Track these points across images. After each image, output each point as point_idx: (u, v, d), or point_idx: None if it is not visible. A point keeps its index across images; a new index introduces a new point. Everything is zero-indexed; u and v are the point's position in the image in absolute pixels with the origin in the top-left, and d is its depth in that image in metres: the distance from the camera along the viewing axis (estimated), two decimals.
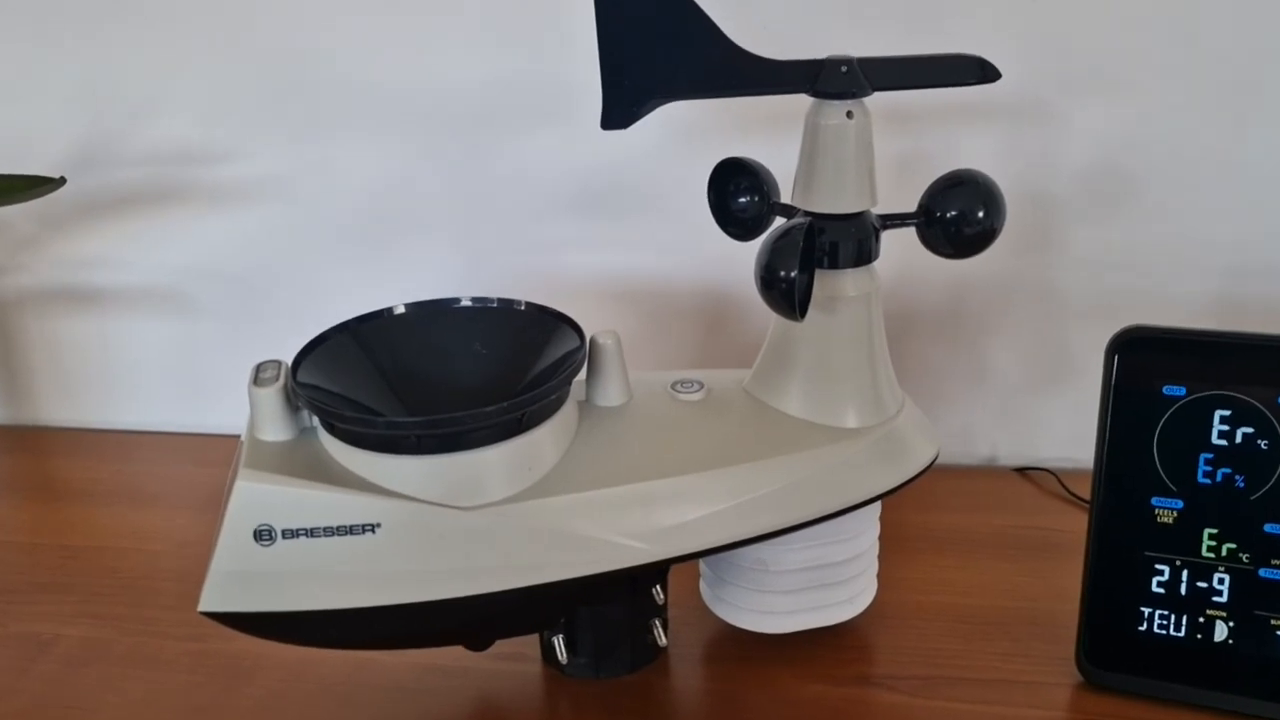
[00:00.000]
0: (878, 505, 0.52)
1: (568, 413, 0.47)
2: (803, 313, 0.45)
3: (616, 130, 0.45)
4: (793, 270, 0.44)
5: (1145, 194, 0.67)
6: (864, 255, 0.48)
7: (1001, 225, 0.48)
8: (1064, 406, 0.71)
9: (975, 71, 0.47)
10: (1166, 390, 0.49)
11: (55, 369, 0.83)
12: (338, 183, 0.74)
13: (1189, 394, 0.48)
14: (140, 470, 0.76)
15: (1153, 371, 0.49)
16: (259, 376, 0.45)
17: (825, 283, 0.48)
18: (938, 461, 0.52)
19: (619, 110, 0.44)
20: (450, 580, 0.43)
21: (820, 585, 0.52)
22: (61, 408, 0.84)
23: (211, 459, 0.63)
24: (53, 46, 0.74)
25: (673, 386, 0.51)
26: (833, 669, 0.52)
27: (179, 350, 0.80)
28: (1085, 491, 0.66)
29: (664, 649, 0.53)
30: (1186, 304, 0.66)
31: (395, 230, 0.75)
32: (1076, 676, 0.51)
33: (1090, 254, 0.68)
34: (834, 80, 0.46)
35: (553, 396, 0.45)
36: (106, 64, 0.74)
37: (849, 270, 0.48)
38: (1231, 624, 0.49)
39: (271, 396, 0.44)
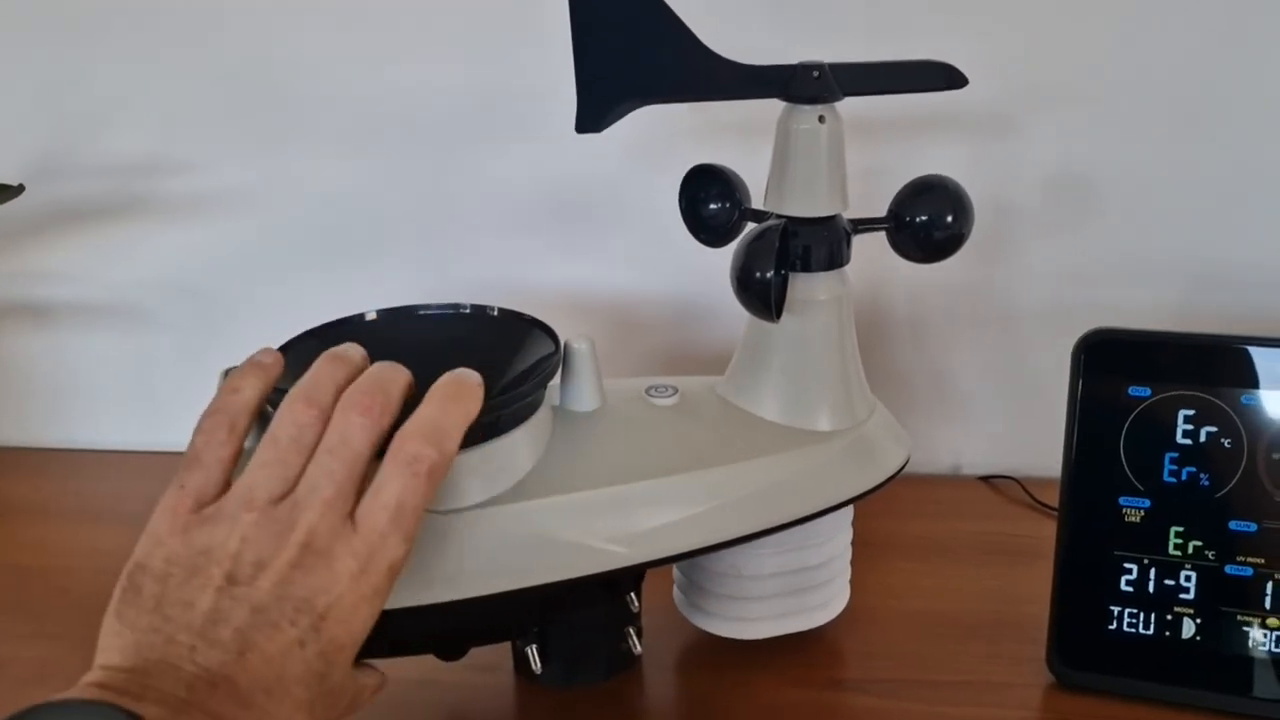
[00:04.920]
0: (850, 510, 0.52)
1: (542, 417, 0.46)
2: (778, 313, 0.45)
3: (590, 134, 0.45)
4: (768, 271, 0.44)
5: (1105, 206, 0.68)
6: (836, 259, 0.49)
7: (970, 230, 0.48)
8: (1026, 414, 0.72)
9: (943, 77, 0.48)
10: (1132, 391, 0.50)
11: (7, 386, 0.80)
12: (300, 195, 0.73)
13: (1154, 394, 0.49)
14: (95, 489, 0.74)
15: (1118, 373, 0.50)
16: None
17: (798, 286, 0.48)
18: (903, 471, 0.52)
19: (593, 113, 0.44)
20: (424, 586, 0.42)
21: (794, 591, 0.52)
22: (13, 426, 0.81)
23: (168, 477, 0.62)
24: (9, 55, 0.73)
25: (646, 391, 0.50)
26: (806, 673, 0.52)
27: (136, 367, 0.79)
28: (1049, 498, 0.67)
29: (638, 657, 0.52)
30: (1146, 314, 0.68)
31: (359, 244, 0.74)
32: (1048, 677, 0.51)
33: (1051, 264, 0.69)
34: (806, 85, 0.46)
35: (527, 400, 0.44)
36: (65, 73, 0.73)
37: (821, 274, 0.49)
38: (1199, 621, 0.49)
39: None
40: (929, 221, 0.48)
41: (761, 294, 0.44)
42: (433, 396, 0.39)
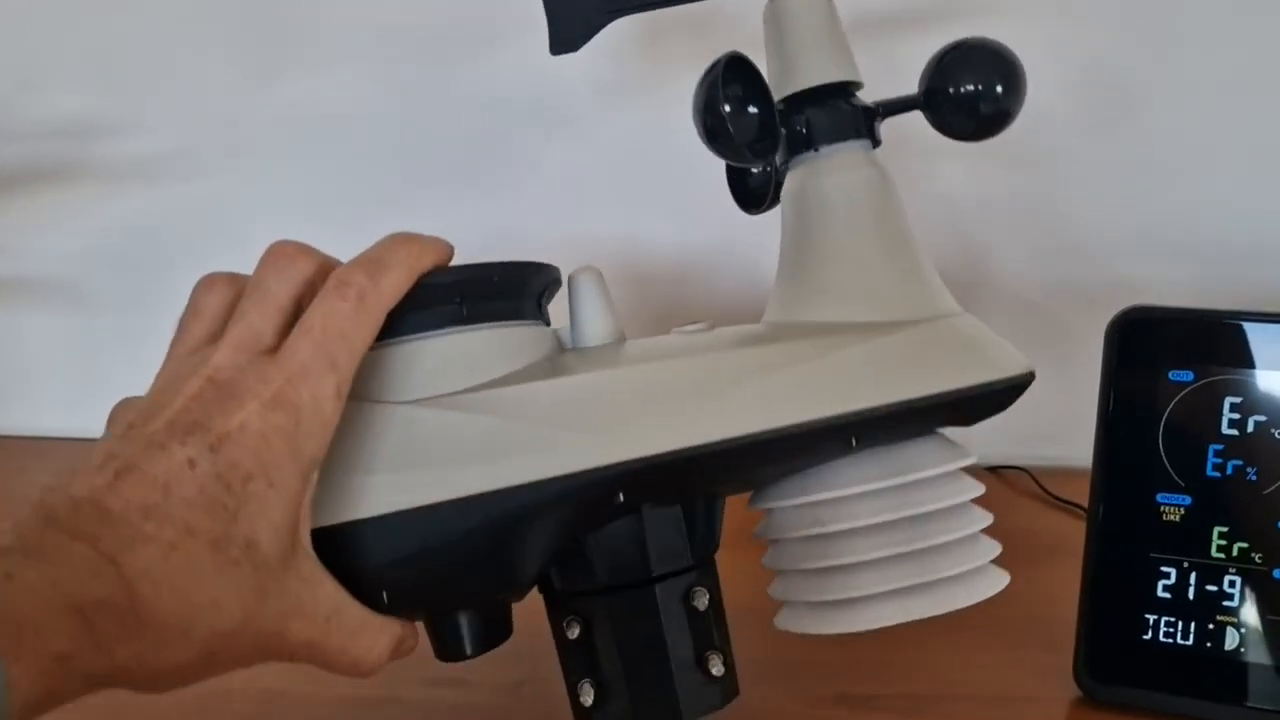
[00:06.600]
0: (966, 453, 0.41)
1: (535, 335, 0.39)
2: (755, 155, 0.40)
3: (567, 53, 0.42)
4: (720, 104, 0.38)
5: (1119, 181, 0.64)
6: (858, 130, 0.42)
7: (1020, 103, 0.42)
8: (1040, 401, 0.67)
9: None
10: (1173, 375, 0.45)
11: None
12: (251, 157, 0.68)
13: (1197, 379, 0.45)
14: (32, 480, 0.69)
15: (1158, 355, 0.45)
16: None
17: (816, 168, 0.41)
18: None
19: (567, 30, 0.41)
20: (374, 492, 0.34)
21: (909, 553, 0.39)
22: None
23: None
24: None
25: (672, 329, 0.42)
26: (812, 687, 0.47)
27: (75, 346, 0.74)
28: (1064, 491, 0.63)
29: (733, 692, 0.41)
30: (1168, 291, 0.63)
31: (319, 209, 0.69)
32: (1075, 690, 0.47)
33: (1066, 241, 0.65)
34: None
35: (503, 289, 0.38)
36: None
37: (843, 145, 0.41)
38: (1243, 630, 0.45)
39: None
40: (976, 93, 0.41)
41: (721, 130, 0.38)
42: (380, 240, 0.35)
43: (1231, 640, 0.45)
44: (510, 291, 0.39)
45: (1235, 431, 0.45)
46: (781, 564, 0.42)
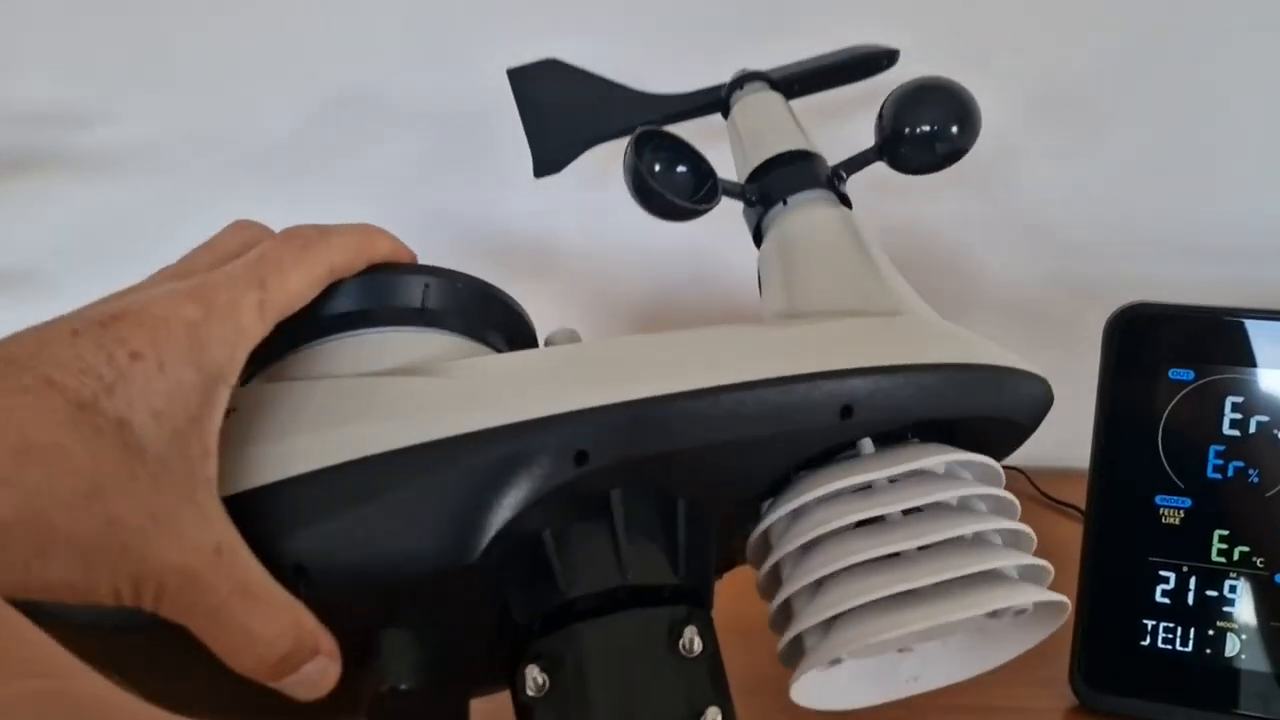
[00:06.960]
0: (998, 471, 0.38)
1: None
2: (697, 203, 0.42)
3: (550, 175, 0.48)
4: (643, 169, 0.41)
5: (1117, 178, 0.63)
6: (818, 181, 0.43)
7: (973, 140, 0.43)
8: None
9: (881, 60, 0.50)
10: (1172, 374, 0.44)
11: None
12: (227, 152, 0.66)
13: (1197, 378, 0.44)
14: None
15: (1157, 353, 0.44)
16: None
17: (785, 218, 0.43)
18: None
19: (548, 162, 0.48)
20: (290, 455, 0.31)
21: (958, 545, 0.34)
22: None
23: None
24: None
25: None
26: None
27: None
28: (1062, 493, 0.62)
29: None
30: (1168, 289, 0.62)
31: (299, 204, 0.67)
32: (1071, 699, 0.46)
33: (1063, 238, 0.64)
34: (740, 82, 0.48)
35: (459, 284, 0.36)
36: None
37: (807, 195, 0.43)
38: (1244, 637, 0.44)
39: None
40: (932, 132, 0.42)
41: (644, 189, 0.41)
42: None
43: (1232, 647, 0.44)
44: (475, 304, 0.37)
45: (1237, 432, 0.44)
46: (787, 591, 0.37)
